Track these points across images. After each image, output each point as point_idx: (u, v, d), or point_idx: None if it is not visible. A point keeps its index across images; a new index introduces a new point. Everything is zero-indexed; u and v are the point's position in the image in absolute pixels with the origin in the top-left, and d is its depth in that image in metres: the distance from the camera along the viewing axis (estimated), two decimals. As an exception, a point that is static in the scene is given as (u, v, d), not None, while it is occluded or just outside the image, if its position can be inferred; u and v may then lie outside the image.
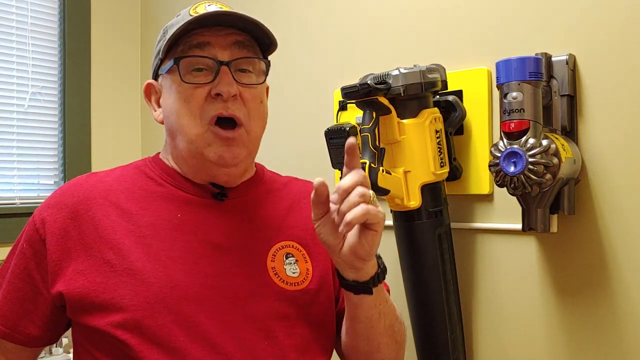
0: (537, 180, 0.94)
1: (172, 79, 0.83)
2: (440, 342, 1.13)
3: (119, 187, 0.84)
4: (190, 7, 0.84)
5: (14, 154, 1.77)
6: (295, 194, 0.95)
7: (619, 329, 1.01)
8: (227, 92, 0.79)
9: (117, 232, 0.80)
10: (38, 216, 0.83)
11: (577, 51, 1.05)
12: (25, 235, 0.84)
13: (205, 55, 0.80)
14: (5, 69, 1.75)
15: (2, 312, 0.83)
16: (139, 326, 0.75)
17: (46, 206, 0.84)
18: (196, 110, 0.80)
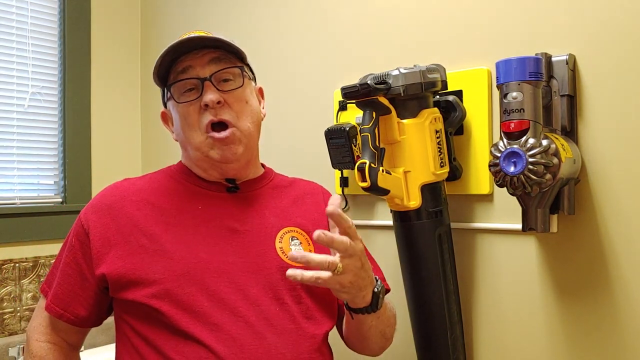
0: (537, 180, 0.94)
1: (172, 103, 1.00)
2: (440, 342, 1.13)
3: (149, 188, 1.01)
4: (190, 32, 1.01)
5: (14, 154, 1.77)
6: (300, 190, 1.11)
7: (619, 328, 1.02)
8: (211, 101, 0.94)
9: (149, 222, 0.96)
10: (83, 215, 1.00)
11: (577, 51, 1.05)
12: (73, 231, 1.01)
13: (189, 77, 0.96)
14: (5, 69, 1.75)
15: (57, 296, 0.99)
16: (170, 295, 0.90)
17: (90, 207, 1.01)
18: (194, 123, 0.97)
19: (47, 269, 1.79)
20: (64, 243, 1.03)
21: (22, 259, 1.73)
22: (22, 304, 1.73)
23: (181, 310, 0.90)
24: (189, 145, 1.00)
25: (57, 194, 1.86)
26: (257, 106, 1.04)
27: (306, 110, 1.51)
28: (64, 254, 1.01)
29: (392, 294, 1.31)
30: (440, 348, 1.13)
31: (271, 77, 1.57)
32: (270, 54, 1.59)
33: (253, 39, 1.62)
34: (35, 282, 1.76)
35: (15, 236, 1.72)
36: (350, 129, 1.26)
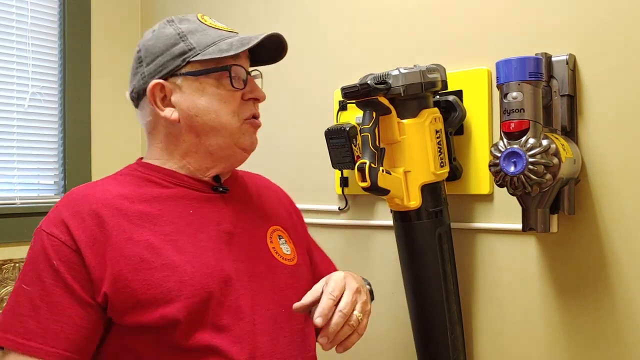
0: (537, 180, 0.94)
1: (206, 82, 0.91)
2: (440, 342, 1.13)
3: (128, 194, 0.89)
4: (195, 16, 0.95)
5: (14, 154, 1.77)
6: (256, 184, 1.09)
7: (619, 328, 1.02)
8: (263, 97, 0.95)
9: (143, 233, 0.85)
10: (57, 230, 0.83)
11: (577, 51, 1.05)
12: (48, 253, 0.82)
13: (242, 65, 0.93)
14: (5, 69, 1.74)
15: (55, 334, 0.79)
16: (190, 311, 0.82)
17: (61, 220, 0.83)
18: (236, 109, 0.92)
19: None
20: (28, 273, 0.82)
21: (22, 259, 1.73)
22: (22, 304, 1.73)
23: (203, 328, 0.83)
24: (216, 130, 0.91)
25: (57, 194, 1.86)
26: None
27: (306, 110, 1.51)
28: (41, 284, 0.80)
29: (392, 294, 1.31)
30: (440, 348, 1.13)
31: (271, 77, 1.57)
32: (270, 54, 1.59)
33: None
34: (35, 282, 1.76)
35: (15, 236, 1.72)
36: (350, 129, 1.27)
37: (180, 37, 0.91)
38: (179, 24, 0.94)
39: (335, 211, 1.43)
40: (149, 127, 0.95)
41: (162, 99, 0.91)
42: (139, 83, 0.93)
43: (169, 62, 0.91)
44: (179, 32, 0.92)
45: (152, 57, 0.92)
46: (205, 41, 0.91)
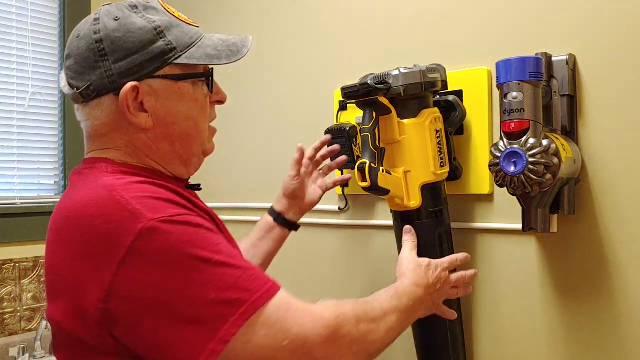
0: (537, 180, 0.94)
1: (184, 87, 0.83)
2: (440, 342, 1.13)
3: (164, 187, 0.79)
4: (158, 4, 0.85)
5: (14, 154, 1.77)
6: None
7: (619, 328, 1.02)
8: (226, 98, 0.91)
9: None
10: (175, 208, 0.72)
11: (577, 51, 1.05)
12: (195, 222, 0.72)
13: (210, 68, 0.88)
14: (5, 69, 1.75)
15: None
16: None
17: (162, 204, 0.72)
18: (207, 115, 0.88)
19: (47, 269, 1.79)
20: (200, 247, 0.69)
21: (22, 259, 1.73)
22: (22, 304, 1.73)
23: None
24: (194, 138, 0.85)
25: (57, 194, 1.86)
26: None
27: (306, 110, 1.51)
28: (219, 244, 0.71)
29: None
30: (440, 348, 1.13)
31: (271, 76, 1.57)
32: (270, 54, 1.59)
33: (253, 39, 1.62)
34: (35, 282, 1.76)
35: (15, 236, 1.72)
36: (350, 129, 1.27)
37: (157, 32, 0.80)
38: (147, 14, 0.82)
39: (335, 211, 1.43)
40: (104, 129, 0.83)
41: (134, 102, 0.80)
42: (102, 81, 0.79)
43: (147, 62, 0.80)
44: (155, 25, 0.81)
45: (123, 53, 0.79)
46: (184, 40, 0.82)
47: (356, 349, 0.73)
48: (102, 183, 0.76)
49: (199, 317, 0.66)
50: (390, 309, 0.83)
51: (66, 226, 0.74)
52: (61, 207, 0.79)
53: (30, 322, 1.75)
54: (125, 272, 0.67)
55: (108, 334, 0.69)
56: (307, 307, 0.71)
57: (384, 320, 0.79)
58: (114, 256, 0.67)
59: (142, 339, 0.68)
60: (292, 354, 0.68)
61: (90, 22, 0.82)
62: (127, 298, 0.67)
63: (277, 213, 1.20)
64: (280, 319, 0.68)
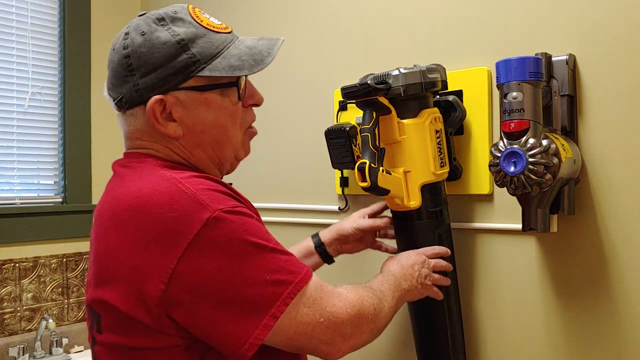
0: (537, 180, 0.94)
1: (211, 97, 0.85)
2: (440, 342, 1.13)
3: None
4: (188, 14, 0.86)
5: (14, 154, 1.77)
6: None
7: (619, 328, 1.02)
8: (262, 100, 0.91)
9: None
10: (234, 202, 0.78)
11: (577, 51, 1.05)
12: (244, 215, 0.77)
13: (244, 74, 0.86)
14: (5, 69, 1.75)
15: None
16: None
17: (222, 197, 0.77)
18: (239, 122, 0.89)
19: (47, 269, 1.79)
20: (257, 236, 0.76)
21: (22, 259, 1.73)
22: (22, 304, 1.73)
23: None
24: (227, 144, 0.89)
25: (57, 194, 1.86)
26: None
27: (306, 110, 1.51)
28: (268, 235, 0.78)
29: (392, 294, 1.31)
30: (440, 348, 1.13)
31: (271, 77, 1.57)
32: (270, 54, 1.59)
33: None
34: (35, 282, 1.76)
35: (15, 236, 1.72)
36: (350, 129, 1.27)
37: (181, 46, 0.82)
38: (174, 26, 0.84)
39: (335, 211, 1.43)
40: (141, 134, 0.88)
41: (162, 113, 0.84)
42: (131, 94, 0.85)
43: (171, 76, 0.83)
44: (178, 39, 0.83)
45: (148, 68, 0.83)
46: (209, 50, 0.83)
47: (372, 325, 0.84)
48: (162, 175, 0.79)
49: (255, 297, 0.73)
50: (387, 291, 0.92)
51: (128, 214, 0.77)
52: (116, 196, 0.82)
53: (30, 322, 1.75)
54: (190, 256, 0.72)
55: (166, 316, 0.74)
56: (334, 289, 0.81)
57: (386, 301, 0.89)
58: (182, 242, 0.72)
59: (201, 319, 0.73)
60: (327, 329, 0.77)
61: (122, 37, 0.88)
62: (189, 282, 0.72)
63: (321, 242, 1.21)
64: (317, 299, 0.77)
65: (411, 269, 1.01)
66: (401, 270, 1.00)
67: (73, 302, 1.86)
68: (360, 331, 0.81)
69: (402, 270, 1.00)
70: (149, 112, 0.83)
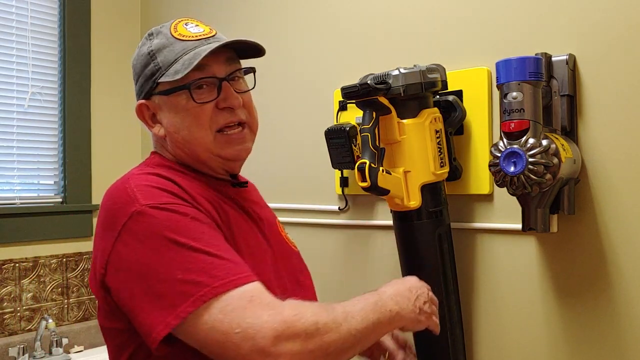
0: (537, 180, 0.94)
1: (176, 100, 0.91)
2: (440, 342, 1.13)
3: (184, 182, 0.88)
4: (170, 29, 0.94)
5: (14, 154, 1.77)
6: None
7: (619, 328, 1.02)
8: (238, 105, 0.92)
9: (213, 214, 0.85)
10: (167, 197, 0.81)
11: (577, 51, 1.05)
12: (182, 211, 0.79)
13: (207, 76, 0.91)
14: (5, 69, 1.75)
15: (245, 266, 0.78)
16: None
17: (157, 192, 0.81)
18: (206, 123, 0.91)
19: (47, 269, 1.79)
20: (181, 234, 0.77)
21: (22, 259, 1.73)
22: (22, 304, 1.73)
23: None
24: (194, 144, 0.93)
25: (57, 194, 1.86)
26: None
27: (306, 110, 1.51)
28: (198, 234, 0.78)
29: (392, 294, 1.31)
30: (440, 348, 1.13)
31: (271, 77, 1.57)
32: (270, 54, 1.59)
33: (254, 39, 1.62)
34: (35, 282, 1.76)
35: (15, 236, 1.72)
36: (350, 129, 1.27)
37: (150, 56, 0.93)
38: (154, 39, 0.94)
39: (335, 211, 1.43)
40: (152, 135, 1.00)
41: (152, 117, 0.94)
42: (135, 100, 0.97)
43: (145, 83, 0.93)
44: (150, 50, 0.93)
45: (135, 76, 0.96)
46: (169, 58, 0.91)
47: (312, 347, 0.75)
48: (131, 171, 0.89)
49: (165, 292, 0.74)
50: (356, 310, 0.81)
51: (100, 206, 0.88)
52: None
53: (30, 322, 1.75)
54: (118, 246, 0.78)
55: (110, 298, 0.80)
56: (271, 302, 0.75)
57: (346, 322, 0.78)
58: (114, 232, 0.79)
59: (124, 306, 0.78)
60: (241, 342, 0.71)
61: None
62: (116, 269, 0.78)
63: None
64: (237, 308, 0.73)
65: (408, 292, 0.92)
66: (394, 291, 0.91)
67: (73, 302, 1.86)
68: (288, 350, 0.73)
69: (396, 291, 0.91)
70: (137, 115, 0.95)
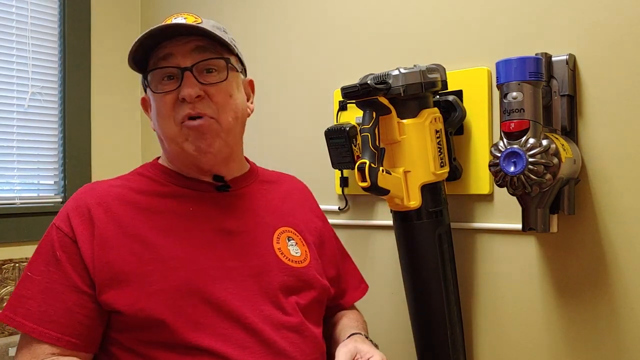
0: (537, 180, 0.94)
1: (150, 91, 0.94)
2: (440, 342, 1.13)
3: (130, 190, 0.92)
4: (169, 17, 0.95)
5: (14, 154, 1.76)
6: (287, 186, 1.11)
7: (619, 328, 1.02)
8: (189, 96, 0.88)
9: (138, 227, 0.87)
10: (62, 223, 0.88)
11: (577, 51, 1.05)
12: (52, 243, 0.88)
13: (168, 65, 0.90)
14: (5, 69, 1.74)
15: (51, 318, 0.83)
16: (171, 307, 0.83)
17: (67, 214, 0.89)
18: (169, 113, 0.90)
19: (47, 269, 1.79)
20: (36, 260, 0.88)
21: (22, 259, 1.73)
22: (22, 304, 1.73)
23: (185, 322, 0.83)
24: (163, 136, 0.93)
25: (57, 194, 1.86)
26: (243, 100, 0.97)
27: (306, 110, 1.51)
28: (46, 270, 0.85)
29: (393, 294, 1.31)
30: (440, 348, 1.13)
31: (271, 76, 1.57)
32: (270, 54, 1.59)
33: (253, 39, 1.62)
34: (35, 282, 1.76)
35: (15, 236, 1.72)
36: (350, 129, 1.27)
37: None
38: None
39: (335, 211, 1.43)
40: None
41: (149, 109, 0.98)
42: None
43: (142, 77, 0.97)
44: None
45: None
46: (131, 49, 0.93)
47: None
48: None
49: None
50: None
51: None
52: None
53: (30, 322, 1.75)
54: None
55: None
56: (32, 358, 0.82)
57: None
58: None
59: None
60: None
61: None
62: None
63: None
64: (19, 344, 0.85)
65: None
66: None
67: (73, 302, 1.86)
68: None
69: None
70: (142, 107, 1.00)
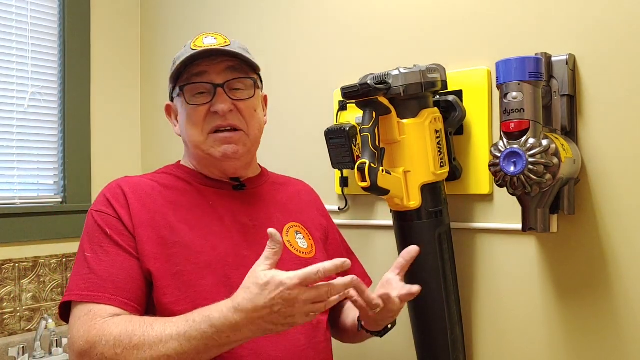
0: (537, 180, 0.94)
1: (181, 101, 1.03)
2: (440, 342, 1.13)
3: (159, 185, 1.03)
4: (191, 41, 1.03)
5: (14, 154, 1.77)
6: (294, 188, 1.18)
7: (619, 328, 1.02)
8: (222, 110, 0.99)
9: (166, 215, 0.98)
10: (103, 207, 0.98)
11: (577, 51, 1.05)
12: (100, 225, 0.96)
13: (203, 81, 1.01)
14: (5, 69, 1.75)
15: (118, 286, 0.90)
16: (192, 285, 0.92)
17: (105, 199, 0.98)
18: (199, 124, 1.01)
19: (47, 269, 1.79)
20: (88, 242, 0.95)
21: (22, 259, 1.73)
22: (22, 304, 1.73)
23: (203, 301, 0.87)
24: (190, 142, 1.04)
25: (57, 194, 1.86)
26: (262, 114, 1.09)
27: (306, 110, 1.51)
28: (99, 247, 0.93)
29: (392, 294, 1.31)
30: (440, 348, 1.13)
31: (271, 77, 1.57)
32: (270, 54, 1.59)
33: (253, 39, 1.62)
34: (35, 282, 1.76)
35: (15, 236, 1.72)
36: (350, 129, 1.27)
37: (173, 63, 1.04)
38: (181, 49, 1.04)
39: (335, 211, 1.43)
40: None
41: (176, 117, 1.07)
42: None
43: (170, 85, 1.06)
44: (174, 58, 1.04)
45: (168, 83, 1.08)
46: (176, 64, 1.02)
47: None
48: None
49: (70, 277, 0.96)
50: (173, 335, 0.82)
51: None
52: None
53: (29, 322, 1.75)
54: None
55: None
56: (93, 319, 0.87)
57: (155, 347, 0.83)
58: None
59: None
60: (70, 348, 0.88)
61: None
62: None
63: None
64: (74, 317, 0.90)
65: (262, 310, 0.79)
66: (237, 316, 0.80)
67: (73, 302, 1.86)
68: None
69: (238, 316, 0.80)
70: (165, 113, 1.10)
